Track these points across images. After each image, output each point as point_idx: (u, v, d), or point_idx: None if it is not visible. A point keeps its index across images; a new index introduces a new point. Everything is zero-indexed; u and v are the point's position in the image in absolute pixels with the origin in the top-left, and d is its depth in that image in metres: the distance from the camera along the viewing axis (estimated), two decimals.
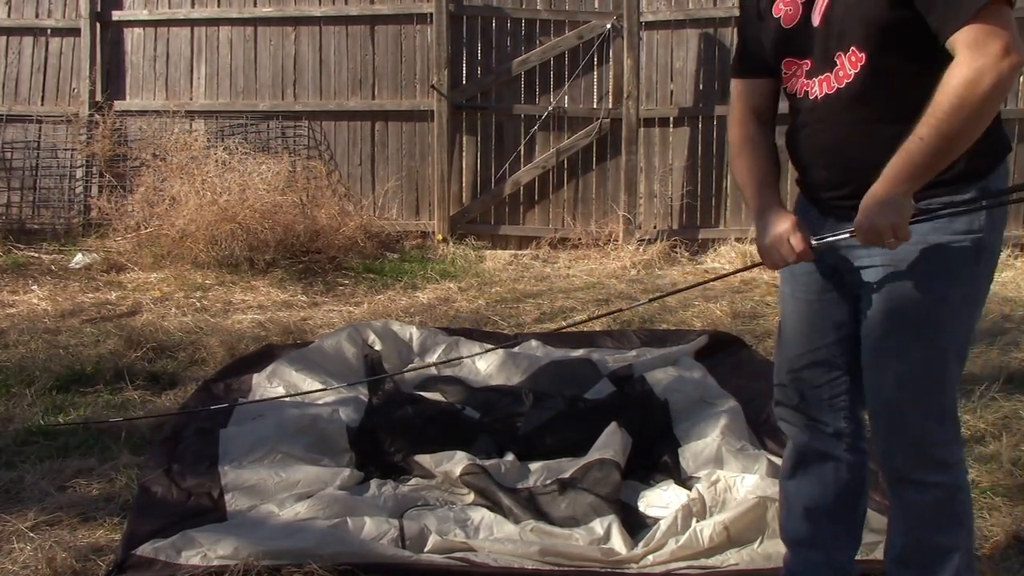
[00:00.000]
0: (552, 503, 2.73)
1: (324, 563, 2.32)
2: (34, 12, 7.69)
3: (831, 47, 1.85)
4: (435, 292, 5.79)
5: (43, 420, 3.42)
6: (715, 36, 7.09)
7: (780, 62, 1.97)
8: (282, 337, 4.57)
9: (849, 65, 1.83)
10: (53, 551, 2.38)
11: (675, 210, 7.19)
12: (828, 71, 1.87)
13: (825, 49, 1.86)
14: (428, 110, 7.25)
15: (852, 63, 1.83)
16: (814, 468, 2.08)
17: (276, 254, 6.21)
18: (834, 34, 1.83)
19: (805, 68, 1.91)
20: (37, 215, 7.48)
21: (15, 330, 4.70)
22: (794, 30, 1.91)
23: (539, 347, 4.24)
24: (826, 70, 1.87)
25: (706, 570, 2.41)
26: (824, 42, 1.86)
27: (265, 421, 3.19)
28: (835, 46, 1.84)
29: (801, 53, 1.92)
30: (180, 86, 7.60)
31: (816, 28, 1.87)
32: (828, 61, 1.86)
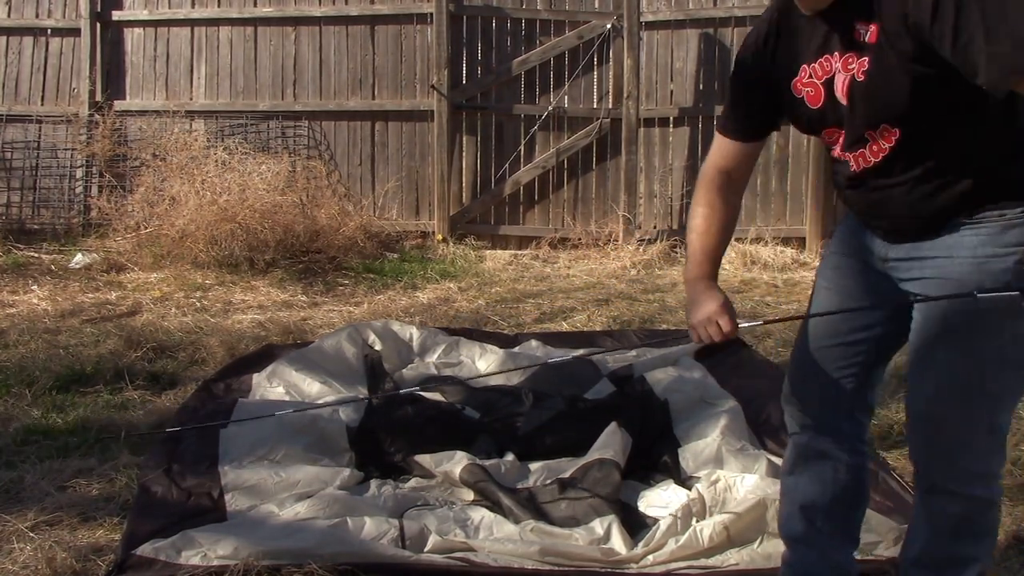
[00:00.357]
0: (552, 503, 2.72)
1: (324, 563, 2.32)
2: (34, 12, 7.69)
3: (859, 126, 1.83)
4: (435, 292, 5.79)
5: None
6: (715, 36, 7.09)
7: (820, 134, 1.96)
8: (282, 337, 4.57)
9: (883, 140, 1.81)
10: (53, 551, 2.38)
11: (675, 210, 7.19)
12: (862, 147, 1.86)
13: (854, 127, 1.84)
14: (428, 110, 7.25)
15: (886, 138, 1.81)
16: (813, 466, 2.08)
17: (276, 254, 6.21)
18: (860, 114, 1.81)
19: (841, 139, 1.90)
20: (37, 215, 7.48)
21: (15, 330, 4.70)
22: (823, 110, 1.89)
23: (539, 347, 4.24)
24: (859, 147, 1.86)
25: (706, 570, 2.41)
26: (852, 121, 1.84)
27: (265, 421, 3.19)
28: (864, 125, 1.82)
29: (837, 124, 1.90)
30: (180, 86, 7.60)
31: (844, 105, 1.84)
32: (859, 139, 1.85)
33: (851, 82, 1.80)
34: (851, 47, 1.79)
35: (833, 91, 1.85)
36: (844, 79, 1.81)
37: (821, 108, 1.89)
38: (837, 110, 1.86)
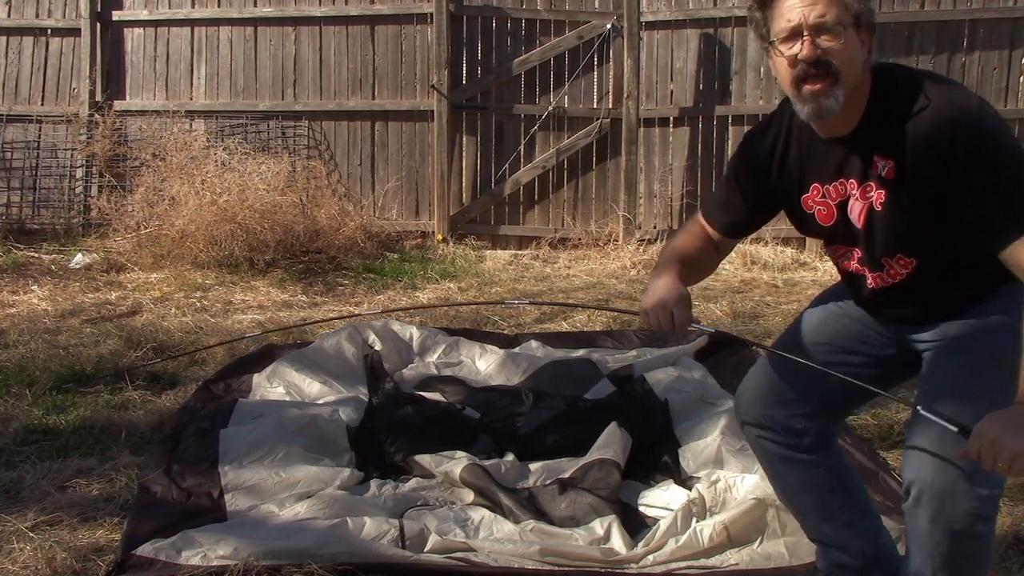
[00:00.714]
0: (552, 503, 2.72)
1: (324, 563, 2.32)
2: (34, 12, 7.69)
3: (877, 252, 1.89)
4: (435, 292, 5.79)
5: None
6: (715, 36, 7.09)
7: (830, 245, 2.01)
8: (282, 337, 4.57)
9: (900, 266, 1.89)
10: (53, 551, 2.38)
11: (675, 210, 7.19)
12: (879, 270, 1.92)
13: (871, 251, 1.89)
14: (428, 110, 7.25)
15: (902, 265, 1.88)
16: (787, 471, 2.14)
17: (276, 254, 6.21)
18: (878, 243, 1.87)
19: (856, 255, 1.95)
20: (37, 215, 7.48)
21: (15, 330, 4.70)
22: (834, 228, 1.94)
23: (539, 347, 4.24)
24: (876, 269, 1.92)
25: (706, 570, 2.41)
26: (869, 245, 1.89)
27: (265, 421, 3.19)
28: (881, 252, 1.89)
29: (849, 243, 1.95)
30: (180, 86, 7.60)
31: (859, 230, 1.89)
32: (876, 262, 1.91)
33: (869, 211, 1.85)
34: (868, 177, 1.84)
35: (847, 213, 1.90)
36: (862, 207, 1.86)
37: (832, 226, 1.94)
38: (850, 231, 1.91)
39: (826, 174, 1.91)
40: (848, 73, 1.78)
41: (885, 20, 6.85)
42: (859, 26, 1.80)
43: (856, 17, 1.79)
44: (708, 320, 4.97)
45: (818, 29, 1.77)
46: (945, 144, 1.72)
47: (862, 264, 1.94)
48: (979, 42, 6.79)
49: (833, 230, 1.94)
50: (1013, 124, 6.83)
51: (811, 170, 1.94)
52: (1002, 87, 6.83)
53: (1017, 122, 6.84)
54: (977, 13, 6.77)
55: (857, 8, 1.79)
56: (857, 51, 1.80)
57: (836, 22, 1.76)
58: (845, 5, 1.78)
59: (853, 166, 1.86)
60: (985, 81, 6.82)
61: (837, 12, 1.77)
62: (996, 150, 1.72)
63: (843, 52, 1.77)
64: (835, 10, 1.77)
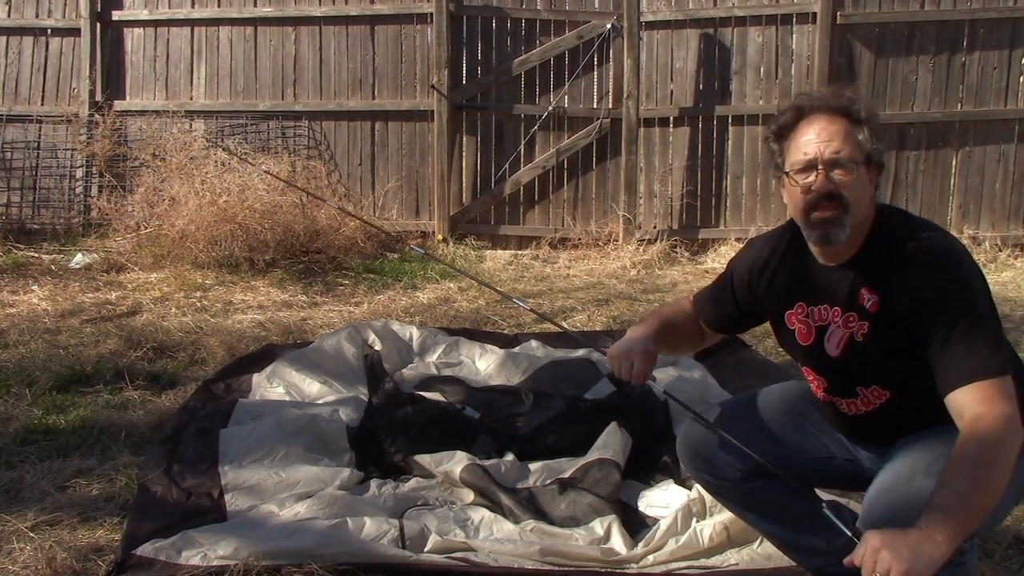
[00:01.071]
0: (552, 503, 2.72)
1: (324, 563, 2.32)
2: (34, 12, 7.70)
3: (852, 381, 1.96)
4: (435, 292, 5.79)
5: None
6: (715, 36, 7.09)
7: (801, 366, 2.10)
8: (282, 337, 4.57)
9: (873, 397, 1.96)
10: (53, 551, 2.38)
11: (675, 210, 7.19)
12: (851, 398, 1.99)
13: (845, 380, 1.97)
14: (428, 110, 7.25)
15: (875, 396, 1.95)
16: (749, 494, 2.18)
17: (276, 254, 6.21)
18: (854, 372, 1.94)
19: (823, 385, 2.04)
20: (37, 215, 7.48)
21: (15, 330, 4.70)
22: (808, 350, 2.03)
23: (539, 347, 4.24)
24: (848, 396, 1.99)
25: (706, 570, 2.41)
26: (843, 374, 1.97)
27: (265, 421, 3.19)
28: (856, 381, 1.96)
29: (818, 372, 2.04)
30: (180, 86, 7.60)
31: (834, 358, 1.97)
32: (849, 391, 1.99)
33: (849, 340, 1.94)
34: (853, 308, 1.93)
35: (823, 339, 1.99)
36: (842, 335, 1.95)
37: (809, 347, 2.03)
38: (821, 359, 2.00)
39: (814, 296, 2.01)
40: (857, 207, 1.90)
41: (885, 20, 6.85)
42: (869, 164, 1.91)
43: (867, 156, 1.91)
44: None
45: (832, 164, 1.88)
46: (924, 290, 1.83)
47: (828, 393, 2.04)
48: (979, 42, 6.79)
49: (809, 352, 2.03)
50: (1013, 124, 6.84)
51: (800, 289, 2.04)
52: (1002, 87, 6.83)
53: (1017, 122, 6.85)
54: (977, 13, 6.77)
55: (869, 149, 1.91)
56: (866, 187, 1.91)
57: (849, 159, 1.88)
58: (858, 144, 1.89)
59: (840, 294, 1.96)
60: (985, 81, 6.82)
61: (851, 150, 1.89)
62: (968, 306, 1.82)
63: (854, 186, 1.89)
64: (849, 148, 1.88)
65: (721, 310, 2.25)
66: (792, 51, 7.02)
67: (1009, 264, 6.50)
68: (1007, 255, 6.62)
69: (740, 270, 2.18)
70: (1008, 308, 5.15)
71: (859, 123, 1.90)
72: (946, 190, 6.97)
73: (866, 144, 1.90)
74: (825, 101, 1.92)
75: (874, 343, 1.90)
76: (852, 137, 1.89)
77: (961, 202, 6.94)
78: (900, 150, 6.94)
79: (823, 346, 1.99)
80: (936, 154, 6.92)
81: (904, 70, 6.88)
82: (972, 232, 6.83)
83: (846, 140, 1.88)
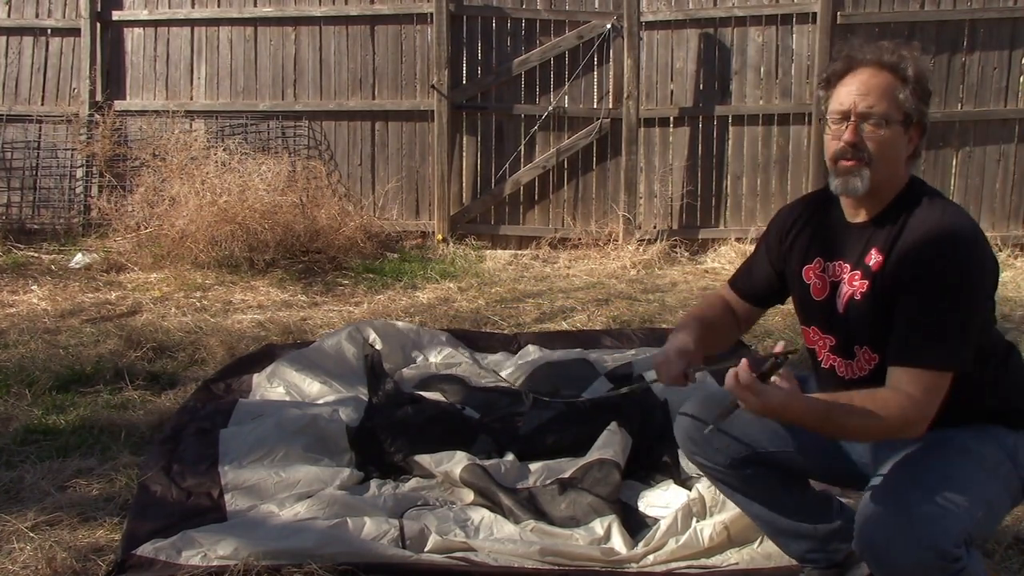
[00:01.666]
0: (552, 503, 2.72)
1: (324, 563, 2.32)
2: (34, 12, 7.70)
3: (852, 339, 1.97)
4: (435, 292, 5.79)
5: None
6: (715, 36, 7.09)
7: (807, 326, 2.10)
8: (282, 337, 4.57)
9: (864, 360, 1.97)
10: (53, 551, 2.38)
11: (675, 210, 7.19)
12: (850, 359, 2.00)
13: (847, 338, 1.98)
14: (428, 110, 7.25)
15: (867, 359, 1.96)
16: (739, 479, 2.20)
17: (276, 254, 6.21)
18: (853, 329, 1.95)
19: (830, 343, 2.03)
20: (37, 215, 7.48)
21: (15, 330, 4.70)
22: (821, 305, 2.03)
23: (536, 350, 4.23)
24: (848, 357, 2.00)
25: (706, 570, 2.41)
26: (846, 332, 1.98)
27: (265, 421, 3.19)
28: (855, 340, 1.97)
29: (826, 329, 2.03)
30: (180, 86, 7.60)
31: (840, 315, 1.98)
32: (849, 351, 1.99)
33: (850, 299, 1.95)
34: (859, 266, 1.95)
35: (835, 295, 1.99)
36: (848, 292, 1.96)
37: (820, 303, 2.03)
38: (833, 316, 2.00)
39: (831, 252, 2.03)
40: (881, 163, 1.90)
41: (885, 20, 6.85)
42: (908, 125, 1.91)
43: (906, 115, 1.90)
44: None
45: (864, 117, 1.89)
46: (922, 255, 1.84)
47: (833, 352, 2.03)
48: (979, 42, 6.79)
49: (820, 308, 2.03)
50: (1013, 124, 6.84)
51: (820, 244, 2.06)
52: (1002, 87, 6.83)
53: (1017, 122, 6.85)
54: (977, 13, 6.77)
55: (909, 108, 1.90)
56: (898, 147, 1.92)
57: (882, 115, 1.89)
58: (897, 103, 1.89)
59: (854, 252, 1.97)
60: (985, 81, 6.82)
61: (886, 107, 1.89)
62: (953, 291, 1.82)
63: (882, 143, 1.89)
64: (884, 104, 1.89)
65: (756, 275, 2.24)
66: (792, 51, 7.03)
67: (1009, 264, 6.49)
68: (1007, 255, 6.62)
69: (774, 226, 2.20)
70: (1008, 308, 5.15)
71: (904, 81, 1.90)
72: (946, 190, 6.97)
73: (906, 103, 1.89)
74: (875, 55, 1.92)
75: (869, 302, 1.91)
76: (891, 94, 1.89)
77: (961, 202, 6.92)
78: None
79: (835, 302, 1.99)
80: (936, 154, 6.92)
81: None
82: None
83: (883, 96, 1.89)
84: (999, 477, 1.86)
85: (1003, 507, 1.92)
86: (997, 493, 1.86)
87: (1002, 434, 1.91)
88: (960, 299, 1.82)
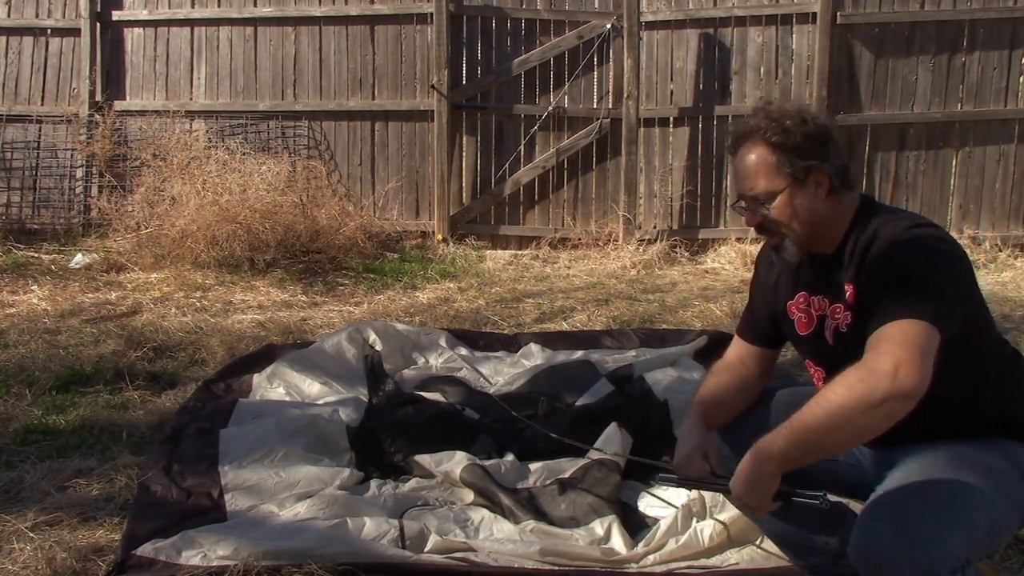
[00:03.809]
0: (552, 503, 2.72)
1: (324, 563, 2.32)
2: (34, 12, 7.70)
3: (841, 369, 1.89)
4: (435, 292, 5.79)
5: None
6: (715, 36, 7.09)
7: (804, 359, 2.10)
8: (282, 337, 4.57)
9: None
10: (53, 551, 2.38)
11: (675, 210, 7.19)
12: None
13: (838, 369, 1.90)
14: (428, 110, 7.25)
15: None
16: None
17: (276, 254, 6.21)
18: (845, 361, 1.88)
19: (821, 375, 2.03)
20: (37, 215, 7.48)
21: (15, 330, 4.70)
22: (810, 339, 2.02)
23: (539, 351, 4.23)
24: None
25: (706, 570, 2.41)
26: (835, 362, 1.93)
27: (265, 421, 3.19)
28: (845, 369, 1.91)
29: (817, 361, 2.03)
30: (180, 86, 7.60)
31: (830, 347, 1.97)
32: None
33: (836, 331, 1.95)
34: (839, 299, 1.94)
35: (823, 328, 1.99)
36: (832, 325, 1.96)
37: (808, 336, 2.02)
38: (822, 348, 1.99)
39: (812, 287, 2.02)
40: (795, 227, 1.92)
41: (885, 20, 6.85)
42: (801, 182, 1.90)
43: (793, 177, 1.89)
44: (707, 321, 4.98)
45: (753, 200, 1.92)
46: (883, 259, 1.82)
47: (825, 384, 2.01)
48: (979, 42, 6.80)
49: (808, 341, 2.03)
50: (1013, 124, 6.84)
51: (803, 279, 2.05)
52: (1002, 87, 6.83)
53: (1017, 122, 6.85)
54: (977, 13, 6.77)
55: (790, 169, 1.88)
56: (803, 205, 1.91)
57: (767, 192, 1.90)
58: (774, 173, 1.89)
59: (829, 285, 1.97)
60: (985, 81, 6.82)
61: (764, 184, 1.91)
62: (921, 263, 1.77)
63: (781, 213, 1.91)
64: (764, 181, 1.91)
65: (757, 317, 2.22)
66: (792, 51, 7.03)
67: (1009, 264, 6.50)
68: (1007, 255, 6.62)
69: (759, 266, 2.21)
70: (1008, 308, 5.15)
71: (772, 147, 1.89)
72: (946, 190, 6.98)
73: (785, 167, 1.89)
74: (744, 128, 1.94)
75: (856, 331, 1.89)
76: (764, 168, 1.90)
77: (961, 202, 6.94)
78: (900, 150, 6.95)
79: (823, 335, 1.99)
80: (936, 154, 6.92)
81: (904, 70, 6.88)
82: (972, 232, 6.83)
83: (759, 173, 1.91)
84: (1007, 494, 1.82)
85: (1009, 524, 1.88)
86: (1003, 510, 1.81)
87: (1012, 447, 1.87)
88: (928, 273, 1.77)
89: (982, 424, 1.89)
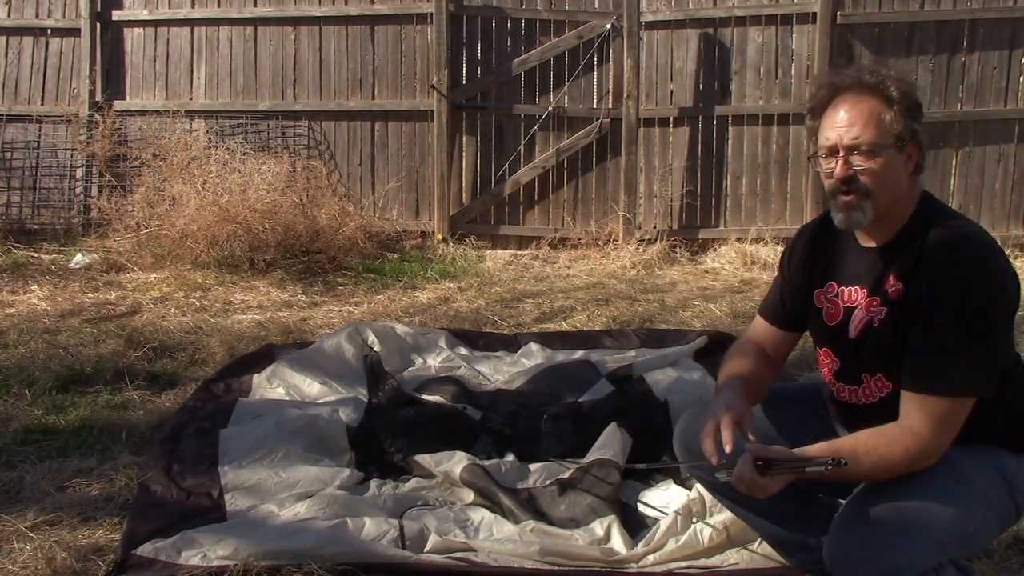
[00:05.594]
0: (552, 504, 2.72)
1: (324, 563, 2.32)
2: (34, 12, 7.70)
3: (859, 366, 1.92)
4: (435, 292, 5.79)
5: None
6: (715, 36, 7.09)
7: (820, 347, 2.05)
8: (282, 337, 4.57)
9: (875, 388, 1.91)
10: (53, 551, 2.38)
11: (675, 210, 7.19)
12: (854, 385, 1.95)
13: (855, 364, 1.92)
14: (428, 110, 7.25)
15: (878, 387, 1.91)
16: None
17: (276, 254, 6.21)
18: (864, 356, 1.90)
19: (835, 366, 2.00)
20: (37, 215, 7.48)
21: (15, 330, 4.70)
22: (835, 329, 1.98)
23: (539, 350, 4.23)
24: (852, 383, 1.96)
25: (706, 570, 2.41)
26: (854, 357, 1.93)
27: (265, 421, 3.19)
28: (863, 367, 1.92)
29: (836, 353, 1.99)
30: (180, 86, 7.60)
31: (851, 339, 1.93)
32: (855, 377, 1.94)
33: (867, 324, 1.90)
34: (878, 292, 1.89)
35: (849, 319, 1.94)
36: (863, 318, 1.91)
37: (834, 327, 1.98)
38: (844, 339, 1.95)
39: (847, 277, 1.98)
40: (881, 192, 1.85)
41: (885, 20, 6.85)
42: (901, 146, 1.85)
43: (897, 138, 1.83)
44: (707, 321, 4.98)
45: (852, 149, 1.84)
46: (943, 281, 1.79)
47: (836, 378, 2.00)
48: (979, 42, 6.80)
49: (833, 332, 1.99)
50: (1013, 124, 6.84)
51: (836, 268, 2.00)
52: (1002, 87, 6.83)
53: (1017, 122, 6.85)
54: (977, 13, 6.78)
55: (898, 130, 1.83)
56: (896, 171, 1.86)
57: (871, 145, 1.83)
58: (884, 128, 1.83)
59: (871, 277, 1.92)
60: (985, 81, 6.82)
61: (873, 135, 1.82)
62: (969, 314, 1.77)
63: (877, 173, 1.84)
64: (871, 133, 1.83)
65: (783, 298, 2.17)
66: (792, 51, 7.03)
67: None
68: (1007, 255, 6.62)
69: (791, 248, 2.16)
70: None
71: (888, 102, 1.83)
72: (946, 190, 6.97)
73: (894, 126, 1.83)
74: (856, 79, 1.86)
75: (889, 329, 1.85)
76: (877, 120, 1.83)
77: (961, 202, 6.94)
78: None
79: (847, 327, 1.95)
80: (936, 154, 6.92)
81: (904, 70, 6.87)
82: None
83: (868, 124, 1.82)
84: (987, 504, 1.82)
85: (988, 533, 1.88)
86: (981, 520, 1.81)
87: (1003, 457, 1.86)
88: (978, 325, 1.76)
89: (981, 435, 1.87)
